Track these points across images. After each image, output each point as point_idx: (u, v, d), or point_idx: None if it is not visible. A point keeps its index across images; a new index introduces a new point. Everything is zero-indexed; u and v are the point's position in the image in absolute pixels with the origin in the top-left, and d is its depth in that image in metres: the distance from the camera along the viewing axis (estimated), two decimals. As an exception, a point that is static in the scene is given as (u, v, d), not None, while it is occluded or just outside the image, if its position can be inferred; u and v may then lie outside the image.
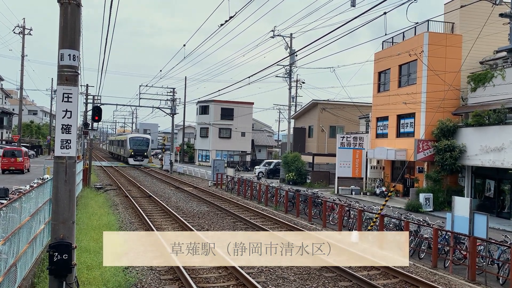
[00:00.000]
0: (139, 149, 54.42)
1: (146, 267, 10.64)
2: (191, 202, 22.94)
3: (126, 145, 55.26)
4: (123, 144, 58.02)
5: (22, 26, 42.16)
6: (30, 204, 8.81)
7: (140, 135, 60.30)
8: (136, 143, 54.71)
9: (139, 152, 54.26)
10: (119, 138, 67.49)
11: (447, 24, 26.29)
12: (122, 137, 61.58)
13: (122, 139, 60.72)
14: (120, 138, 64.48)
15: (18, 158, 30.69)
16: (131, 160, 53.74)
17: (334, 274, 10.69)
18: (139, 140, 55.76)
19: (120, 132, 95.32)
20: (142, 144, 55.15)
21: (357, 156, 30.33)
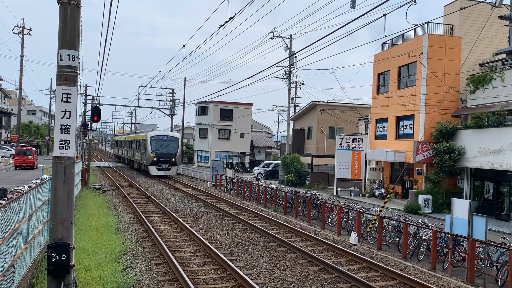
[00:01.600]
0: (166, 154, 37.58)
1: (144, 268, 10.62)
2: (190, 203, 22.91)
3: (145, 147, 38.29)
4: (140, 146, 41.13)
5: (21, 26, 42.13)
6: (28, 204, 8.78)
7: (166, 133, 41.35)
8: (161, 144, 38.24)
9: (166, 158, 37.48)
10: (132, 137, 48.81)
11: (446, 26, 26.32)
12: (139, 136, 43.88)
13: (138, 139, 43.48)
14: (135, 137, 46.53)
15: (29, 156, 36.67)
16: (152, 169, 37.24)
17: (333, 276, 10.67)
18: (164, 139, 38.83)
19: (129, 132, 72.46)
20: (170, 146, 38.22)
21: (356, 158, 30.34)
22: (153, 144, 37.82)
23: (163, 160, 37.32)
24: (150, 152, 37.42)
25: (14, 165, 36.20)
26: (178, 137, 40.24)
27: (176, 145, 38.95)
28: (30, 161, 36.30)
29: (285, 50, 34.52)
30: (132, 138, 48.83)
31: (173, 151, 38.35)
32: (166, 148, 37.74)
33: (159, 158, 37.14)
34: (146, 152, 38.15)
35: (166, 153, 37.72)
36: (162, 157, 37.28)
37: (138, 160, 42.85)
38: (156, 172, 37.23)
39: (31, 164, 36.36)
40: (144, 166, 39.97)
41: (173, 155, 38.28)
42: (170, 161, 37.89)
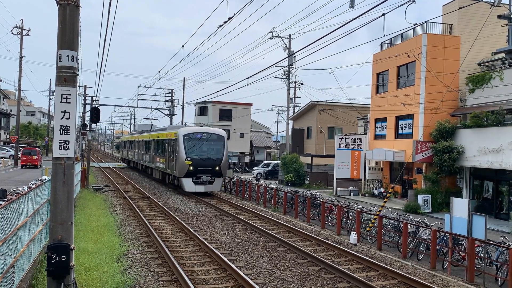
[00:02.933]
0: (207, 160, 25.93)
1: (144, 269, 10.62)
2: (189, 203, 22.90)
3: (175, 150, 26.32)
4: (167, 149, 28.80)
5: (20, 27, 42.09)
6: (28, 205, 8.78)
7: (206, 130, 27.71)
8: (200, 146, 26.27)
9: (207, 166, 25.85)
10: (152, 136, 35.10)
11: (445, 26, 26.35)
12: (163, 135, 30.75)
13: (162, 138, 30.56)
14: (156, 136, 33.10)
15: (34, 156, 40.03)
16: (188, 183, 25.50)
17: (333, 275, 10.68)
18: (205, 139, 26.55)
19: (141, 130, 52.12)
20: (212, 148, 26.66)
21: (356, 157, 30.35)
22: (189, 146, 25.45)
23: (203, 169, 25.30)
24: (184, 157, 25.03)
25: (21, 164, 39.93)
26: (223, 134, 26.90)
27: (221, 147, 26.35)
28: (35, 160, 39.75)
29: (284, 50, 34.56)
30: (152, 137, 34.69)
31: (217, 155, 26.02)
32: (207, 152, 25.81)
33: (197, 166, 25.07)
34: (177, 157, 25.59)
35: (208, 159, 25.57)
36: (202, 165, 25.29)
37: (162, 168, 29.91)
38: (193, 187, 25.19)
39: (36, 163, 39.61)
40: (173, 178, 27.38)
41: (218, 162, 25.76)
42: (214, 171, 25.60)
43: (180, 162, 25.16)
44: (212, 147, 26.18)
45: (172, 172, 26.92)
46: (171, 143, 27.27)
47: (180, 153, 25.25)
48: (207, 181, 25.49)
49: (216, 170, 25.71)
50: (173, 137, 27.00)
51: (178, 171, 25.46)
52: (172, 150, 26.83)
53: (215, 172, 25.69)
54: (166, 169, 28.73)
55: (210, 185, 25.66)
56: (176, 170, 25.82)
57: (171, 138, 27.57)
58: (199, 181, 25.32)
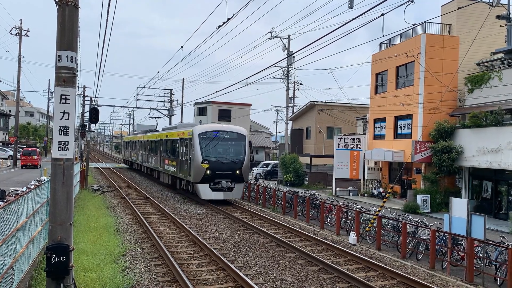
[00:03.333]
0: (227, 162, 22.52)
1: (143, 269, 10.61)
2: (189, 203, 22.89)
3: (190, 151, 22.96)
4: (179, 150, 25.42)
5: (19, 28, 42.05)
6: (27, 206, 8.77)
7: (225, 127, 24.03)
8: (218, 147, 22.96)
9: (226, 170, 22.39)
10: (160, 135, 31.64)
11: (444, 26, 26.38)
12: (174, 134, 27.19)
13: (174, 138, 26.93)
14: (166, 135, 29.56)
15: (34, 156, 40.62)
16: (204, 189, 22.08)
17: (332, 276, 10.68)
18: (224, 138, 23.10)
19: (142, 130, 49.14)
20: (232, 148, 23.18)
21: (355, 158, 30.37)
22: (205, 147, 22.04)
23: (222, 173, 21.86)
24: (199, 160, 21.60)
25: (21, 164, 40.38)
26: (244, 133, 23.34)
27: (242, 147, 22.89)
28: (35, 160, 40.44)
29: (283, 51, 34.56)
30: (159, 136, 31.45)
31: (238, 157, 22.55)
32: (226, 153, 22.57)
33: (215, 170, 21.70)
34: (191, 160, 22.21)
35: (227, 162, 22.17)
36: (221, 169, 21.90)
37: (173, 172, 26.49)
38: (210, 194, 21.80)
39: (36, 163, 40.25)
40: (186, 183, 24.42)
41: (239, 165, 22.30)
42: (234, 175, 22.17)
43: (195, 165, 21.65)
44: (232, 148, 22.81)
45: (185, 176, 23.43)
46: (184, 143, 23.95)
47: (195, 155, 21.73)
48: (227, 187, 21.91)
49: (236, 174, 22.19)
50: (186, 136, 23.61)
51: (193, 175, 21.90)
52: (185, 152, 23.50)
53: (235, 177, 22.19)
54: (178, 173, 25.23)
55: (230, 192, 22.22)
56: (190, 174, 22.29)
57: (183, 138, 24.13)
58: (217, 187, 21.83)
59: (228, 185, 21.97)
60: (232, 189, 22.22)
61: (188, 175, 22.92)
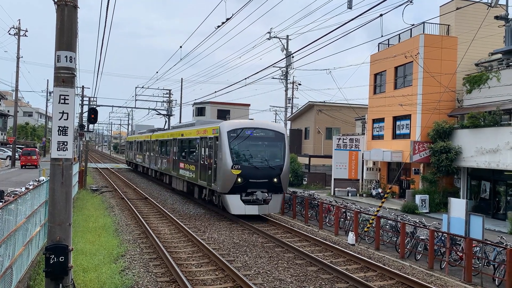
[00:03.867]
0: (262, 168, 17.97)
1: (142, 269, 10.61)
2: (188, 204, 22.88)
3: (216, 153, 18.41)
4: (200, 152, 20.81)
5: (17, 28, 41.99)
6: (25, 206, 8.77)
7: (261, 124, 18.95)
8: (252, 148, 18.39)
9: (261, 177, 17.84)
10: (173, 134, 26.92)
11: (442, 26, 26.43)
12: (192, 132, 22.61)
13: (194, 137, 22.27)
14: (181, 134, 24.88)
15: (33, 156, 41.25)
16: (234, 201, 17.59)
17: (331, 276, 10.69)
18: (259, 138, 18.66)
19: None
20: (268, 151, 18.82)
21: (353, 158, 30.40)
22: (236, 148, 17.87)
23: (256, 182, 17.68)
24: (229, 164, 17.39)
25: (21, 164, 40.93)
26: (282, 131, 19.20)
27: (281, 149, 18.59)
28: (34, 160, 40.99)
29: (282, 51, 34.56)
30: (171, 135, 27.04)
31: (276, 161, 18.31)
32: (262, 156, 18.37)
33: (248, 178, 17.50)
34: (218, 164, 17.95)
35: (263, 167, 17.91)
36: (255, 176, 17.67)
37: (191, 178, 21.93)
38: (241, 208, 17.50)
39: (35, 163, 40.75)
40: (209, 192, 19.93)
41: (277, 171, 18.02)
42: (271, 184, 17.87)
43: (224, 171, 17.26)
44: (269, 150, 18.56)
45: (209, 184, 18.82)
46: (206, 144, 19.59)
47: (224, 158, 17.34)
48: (263, 198, 17.50)
49: (274, 182, 17.78)
50: (209, 134, 19.29)
51: (219, 184, 17.56)
52: (209, 154, 19.12)
53: (272, 186, 17.80)
54: (197, 180, 20.67)
55: (266, 205, 17.75)
56: (215, 182, 17.98)
57: (206, 137, 19.76)
58: (250, 199, 17.47)
59: (264, 197, 17.51)
60: (269, 202, 17.81)
61: (212, 183, 18.36)
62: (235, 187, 17.31)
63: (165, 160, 28.46)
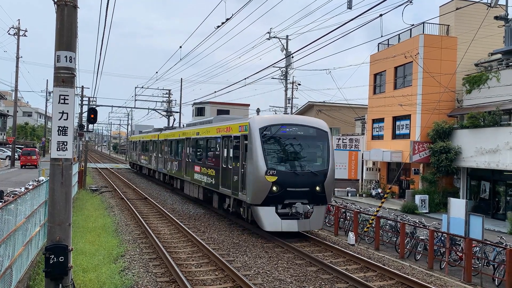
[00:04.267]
0: (302, 174, 14.38)
1: (142, 270, 10.61)
2: (187, 204, 22.86)
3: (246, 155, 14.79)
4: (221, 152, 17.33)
5: (17, 28, 41.98)
6: (25, 206, 8.76)
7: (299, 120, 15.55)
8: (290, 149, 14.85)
9: (301, 186, 14.24)
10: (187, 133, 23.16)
11: (442, 26, 26.44)
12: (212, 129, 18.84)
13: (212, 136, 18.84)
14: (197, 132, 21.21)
15: (33, 156, 41.70)
16: (269, 215, 13.98)
17: (331, 276, 10.69)
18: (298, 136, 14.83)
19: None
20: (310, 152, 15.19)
21: (353, 158, 30.40)
22: (270, 149, 14.75)
23: (295, 191, 14.39)
24: (262, 169, 14.07)
25: (20, 164, 41.37)
26: (325, 128, 15.70)
27: (325, 150, 15.36)
28: (34, 160, 41.36)
29: (281, 51, 34.56)
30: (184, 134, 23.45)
31: (318, 165, 15.12)
32: (302, 159, 15.03)
33: (285, 186, 14.20)
34: (247, 169, 14.72)
35: (304, 173, 14.63)
36: (295, 184, 14.39)
37: (210, 185, 18.47)
38: (276, 223, 14.13)
39: (35, 163, 41.04)
40: (235, 203, 16.35)
41: (320, 177, 14.75)
42: (313, 193, 14.60)
43: (255, 177, 13.92)
44: (310, 151, 15.20)
45: (235, 193, 15.52)
46: (232, 144, 16.10)
47: (255, 162, 13.97)
48: (304, 211, 14.12)
49: (316, 191, 14.40)
50: (235, 132, 15.81)
51: (250, 193, 14.14)
52: (235, 156, 15.68)
53: (314, 196, 14.43)
54: (218, 187, 17.18)
55: (307, 220, 14.35)
56: (245, 191, 14.59)
57: (230, 135, 16.25)
58: (288, 212, 14.11)
59: (305, 209, 14.09)
60: (310, 215, 14.45)
61: (239, 191, 15.01)
62: (269, 198, 13.89)
63: (176, 163, 25.03)
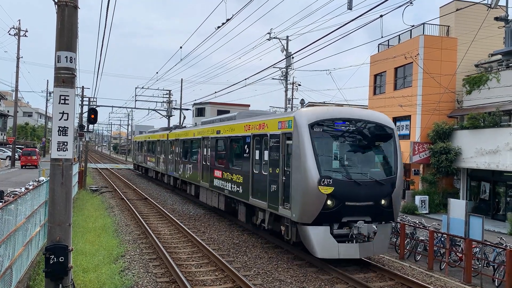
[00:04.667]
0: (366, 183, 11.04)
1: (142, 270, 10.61)
2: (187, 204, 22.87)
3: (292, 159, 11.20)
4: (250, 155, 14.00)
5: (17, 28, 42.01)
6: (25, 206, 8.77)
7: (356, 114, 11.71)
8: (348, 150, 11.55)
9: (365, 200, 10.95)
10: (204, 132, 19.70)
11: (442, 27, 26.45)
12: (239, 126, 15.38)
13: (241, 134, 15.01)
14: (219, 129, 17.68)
15: (33, 156, 41.91)
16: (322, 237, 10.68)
17: (331, 277, 10.69)
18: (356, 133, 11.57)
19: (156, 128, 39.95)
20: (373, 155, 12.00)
21: (353, 159, 30.37)
22: (325, 151, 11.35)
23: (356, 206, 10.98)
24: (314, 177, 10.66)
25: (21, 165, 41.50)
26: (391, 126, 12.36)
27: (391, 153, 12.07)
28: (34, 160, 41.55)
29: (281, 52, 34.56)
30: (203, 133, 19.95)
31: (384, 173, 11.78)
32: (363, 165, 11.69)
33: (343, 199, 10.80)
34: (294, 177, 11.17)
35: (366, 182, 11.15)
36: (356, 197, 10.95)
37: (237, 194, 15.23)
38: (333, 248, 10.77)
39: (35, 163, 41.22)
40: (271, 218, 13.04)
41: (387, 188, 11.40)
42: (378, 208, 11.24)
43: (305, 188, 10.82)
44: (373, 154, 12.10)
45: (273, 207, 12.25)
46: (268, 144, 12.81)
47: (304, 168, 10.84)
48: (368, 232, 11.03)
49: (382, 206, 11.32)
50: (273, 130, 12.60)
51: (298, 208, 10.96)
52: (273, 160, 12.40)
53: (379, 211, 11.33)
54: (248, 197, 13.98)
55: (370, 243, 11.30)
56: (288, 205, 11.43)
57: (266, 134, 12.98)
58: (347, 233, 11.13)
59: (370, 230, 10.93)
60: (373, 236, 11.26)
61: (280, 205, 11.75)
62: (323, 215, 10.69)
63: (190, 166, 21.86)
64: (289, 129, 11.63)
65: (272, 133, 12.67)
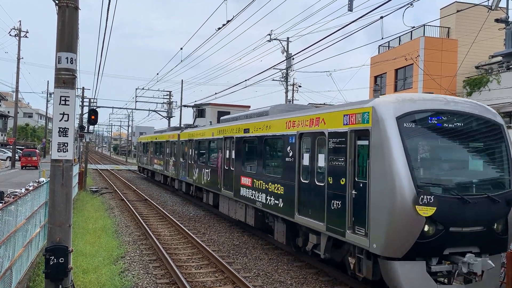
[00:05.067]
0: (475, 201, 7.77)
1: (142, 271, 10.60)
2: (188, 205, 22.86)
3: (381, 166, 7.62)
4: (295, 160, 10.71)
5: (18, 29, 42.06)
6: (25, 207, 8.77)
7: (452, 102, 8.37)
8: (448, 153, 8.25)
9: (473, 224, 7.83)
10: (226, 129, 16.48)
11: (443, 29, 26.49)
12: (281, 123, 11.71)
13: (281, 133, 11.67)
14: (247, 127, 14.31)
15: (33, 157, 42.31)
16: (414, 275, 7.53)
17: (331, 278, 10.68)
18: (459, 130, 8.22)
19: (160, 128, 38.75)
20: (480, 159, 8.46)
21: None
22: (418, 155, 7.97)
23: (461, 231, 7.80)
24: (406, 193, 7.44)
25: (21, 165, 41.81)
26: (500, 120, 9.31)
27: (504, 157, 8.54)
28: (34, 161, 41.91)
29: (282, 53, 34.59)
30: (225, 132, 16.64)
31: (497, 185, 8.36)
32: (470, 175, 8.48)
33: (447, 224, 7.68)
34: (374, 190, 7.86)
35: (475, 199, 7.86)
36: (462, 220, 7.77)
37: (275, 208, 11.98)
38: None
39: (35, 164, 41.39)
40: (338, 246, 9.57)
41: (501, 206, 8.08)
42: (490, 235, 8.06)
43: (392, 207, 7.57)
44: (481, 159, 8.76)
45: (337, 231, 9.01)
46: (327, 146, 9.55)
47: (391, 178, 7.62)
48: (481, 270, 7.81)
49: (495, 232, 8.23)
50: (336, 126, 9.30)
51: (381, 237, 7.72)
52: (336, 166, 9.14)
53: (492, 239, 8.24)
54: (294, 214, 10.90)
55: (480, 283, 8.12)
56: (363, 230, 8.24)
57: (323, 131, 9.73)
58: (449, 269, 8.11)
59: (486, 266, 7.89)
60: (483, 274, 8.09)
61: (349, 229, 8.67)
62: (419, 245, 7.72)
63: (208, 171, 18.95)
64: (363, 125, 8.40)
65: (332, 130, 9.40)
